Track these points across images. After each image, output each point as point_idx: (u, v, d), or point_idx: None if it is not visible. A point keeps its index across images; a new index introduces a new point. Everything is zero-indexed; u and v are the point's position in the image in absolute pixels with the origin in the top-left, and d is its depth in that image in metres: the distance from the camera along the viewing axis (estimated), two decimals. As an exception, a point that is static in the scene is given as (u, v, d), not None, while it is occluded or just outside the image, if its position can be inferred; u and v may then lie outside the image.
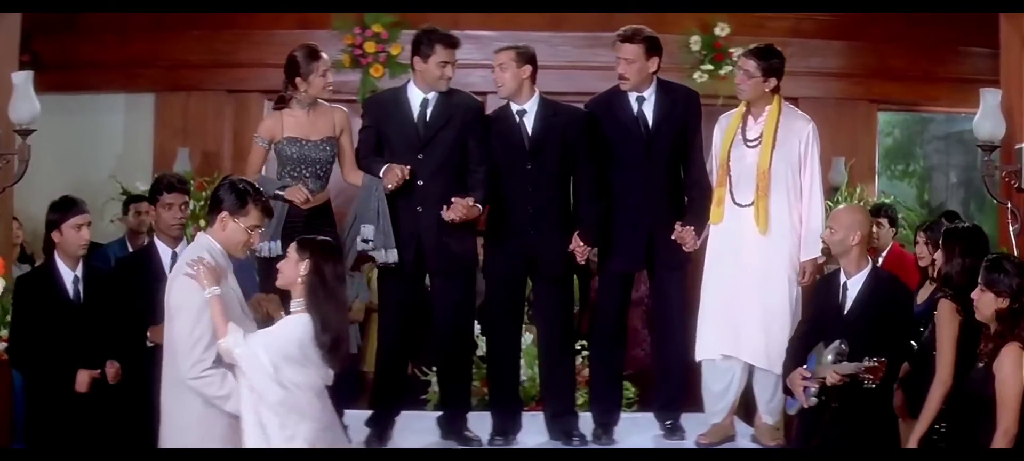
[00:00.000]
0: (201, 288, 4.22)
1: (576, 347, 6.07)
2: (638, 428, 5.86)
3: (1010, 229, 6.26)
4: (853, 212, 5.43)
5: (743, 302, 5.47)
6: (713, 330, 5.54)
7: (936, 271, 5.21)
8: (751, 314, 5.46)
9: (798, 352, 5.12)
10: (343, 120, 5.56)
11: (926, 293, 5.53)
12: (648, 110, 5.60)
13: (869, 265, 5.21)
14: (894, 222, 7.44)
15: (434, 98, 5.51)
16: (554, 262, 5.59)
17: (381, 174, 5.41)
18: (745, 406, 5.86)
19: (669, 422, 5.70)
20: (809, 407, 5.00)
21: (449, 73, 5.48)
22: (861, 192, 8.27)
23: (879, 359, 4.75)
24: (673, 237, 5.51)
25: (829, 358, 4.88)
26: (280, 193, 5.33)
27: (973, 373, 4.60)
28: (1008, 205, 6.24)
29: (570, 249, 5.53)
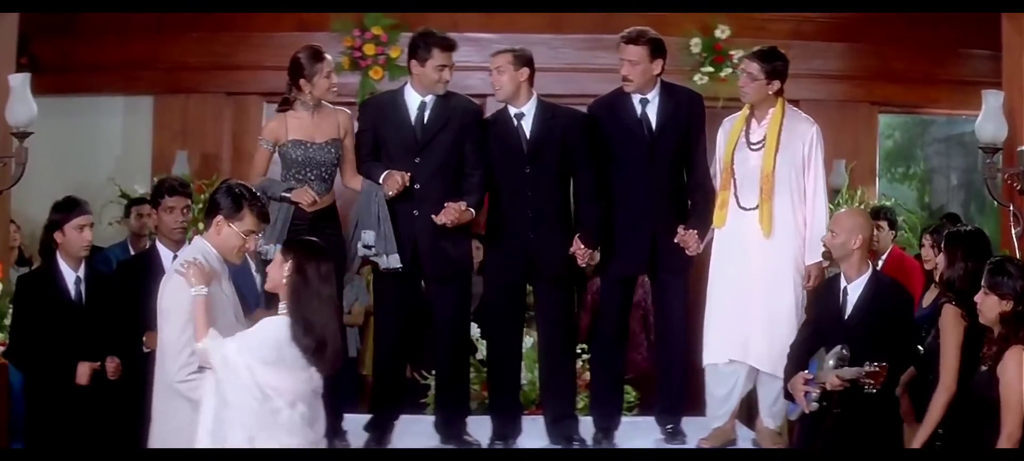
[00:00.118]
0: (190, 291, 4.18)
1: (576, 350, 6.04)
2: (639, 432, 5.83)
3: (1012, 231, 6.24)
4: (854, 215, 5.42)
5: (749, 306, 5.45)
6: (720, 335, 5.51)
7: (938, 275, 5.18)
8: (757, 318, 5.43)
9: (799, 357, 5.10)
10: (347, 122, 5.53)
11: (931, 297, 5.50)
12: (652, 112, 5.57)
13: (870, 269, 5.19)
14: (894, 225, 7.40)
15: (432, 101, 5.49)
16: (554, 265, 5.56)
17: (381, 180, 5.38)
18: (747, 410, 5.84)
19: (670, 426, 5.68)
20: (810, 412, 4.98)
21: (446, 76, 5.45)
22: (862, 195, 8.24)
23: (880, 364, 4.73)
24: (676, 240, 5.48)
25: (830, 363, 4.85)
26: (286, 195, 5.31)
27: (977, 377, 4.59)
28: (1011, 207, 6.23)
29: (571, 252, 5.50)
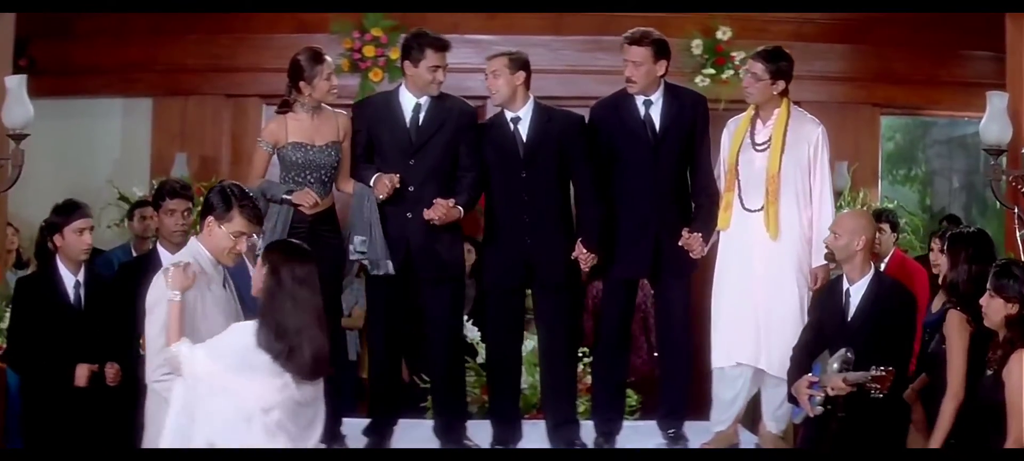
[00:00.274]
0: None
1: (578, 355, 6.00)
2: (640, 436, 5.79)
3: (1016, 234, 6.20)
4: (857, 217, 5.38)
5: (755, 309, 5.41)
6: (728, 338, 5.47)
7: (941, 278, 5.13)
8: (763, 321, 5.40)
9: (802, 360, 5.06)
10: (347, 125, 5.49)
11: (940, 302, 5.43)
12: (655, 114, 5.53)
13: (872, 271, 5.15)
14: (896, 227, 7.34)
15: (427, 103, 5.44)
16: (554, 270, 5.51)
17: (371, 184, 5.34)
18: (750, 414, 5.80)
19: (672, 431, 5.63)
20: (814, 416, 4.94)
21: (440, 77, 5.40)
22: (864, 197, 8.22)
23: (887, 368, 4.69)
24: (680, 243, 5.44)
25: (835, 366, 4.81)
26: (287, 197, 5.28)
27: (983, 381, 4.55)
28: (1015, 210, 6.18)
29: (574, 257, 5.45)
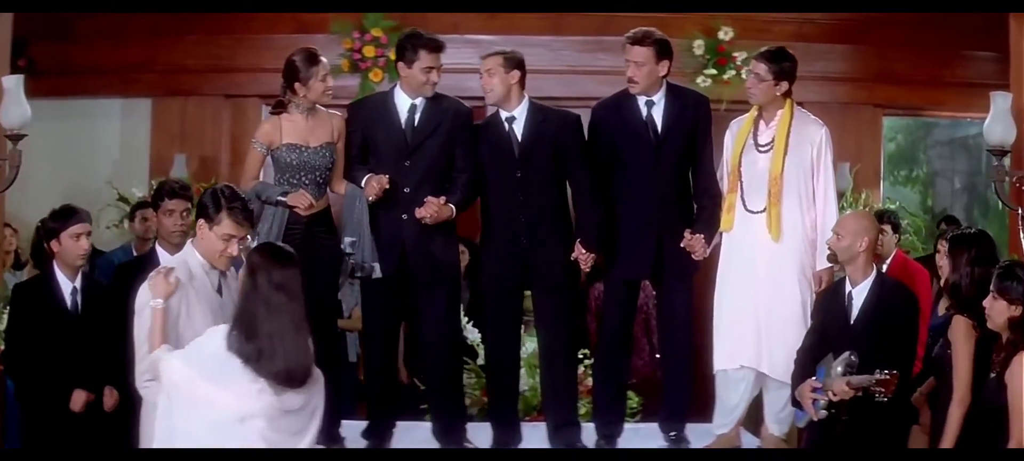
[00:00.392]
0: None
1: (578, 357, 5.97)
2: (642, 439, 5.76)
3: (1021, 235, 6.16)
4: (860, 218, 5.34)
5: (757, 312, 5.39)
6: (730, 340, 5.44)
7: (943, 280, 5.08)
8: (765, 324, 5.37)
9: (806, 363, 5.03)
10: (341, 126, 5.47)
11: (945, 305, 5.39)
12: (657, 115, 5.49)
13: (875, 273, 5.12)
14: (897, 228, 7.30)
15: (422, 104, 5.41)
16: (552, 271, 5.47)
17: (362, 185, 5.32)
18: (753, 417, 5.76)
19: (674, 434, 5.61)
20: (818, 420, 4.91)
21: (434, 78, 5.37)
22: (866, 198, 8.20)
23: (891, 372, 4.65)
24: (682, 245, 5.40)
25: (838, 370, 4.78)
26: (282, 199, 5.24)
27: (987, 384, 4.52)
28: (1019, 211, 6.15)
29: (573, 257, 5.42)
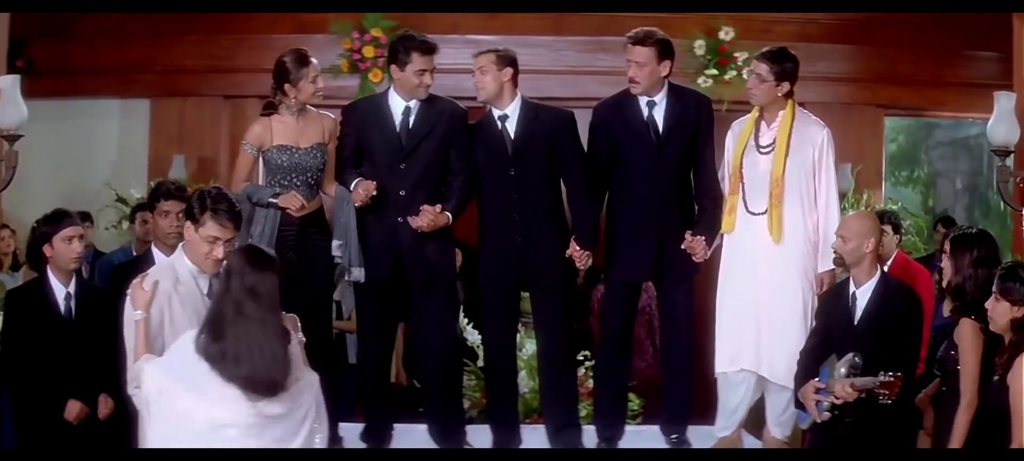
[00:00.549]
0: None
1: (578, 358, 5.93)
2: (643, 441, 5.70)
3: (1024, 236, 6.16)
4: (864, 219, 5.30)
5: (759, 314, 5.35)
6: (731, 343, 5.41)
7: (946, 282, 5.02)
8: (767, 327, 5.34)
9: (809, 365, 5.00)
10: (333, 126, 5.43)
11: (949, 306, 5.34)
12: (659, 115, 5.45)
13: (879, 273, 5.09)
14: (898, 229, 7.27)
15: (416, 106, 5.37)
16: (548, 270, 5.43)
17: (350, 189, 5.29)
18: (754, 419, 5.73)
19: (675, 436, 5.57)
20: (821, 422, 4.88)
21: (427, 80, 5.32)
22: (868, 198, 8.16)
23: (895, 373, 4.62)
24: (683, 246, 5.36)
25: (842, 371, 4.74)
26: (273, 201, 5.21)
27: (990, 386, 4.48)
28: (1023, 212, 6.14)
29: (567, 255, 5.38)
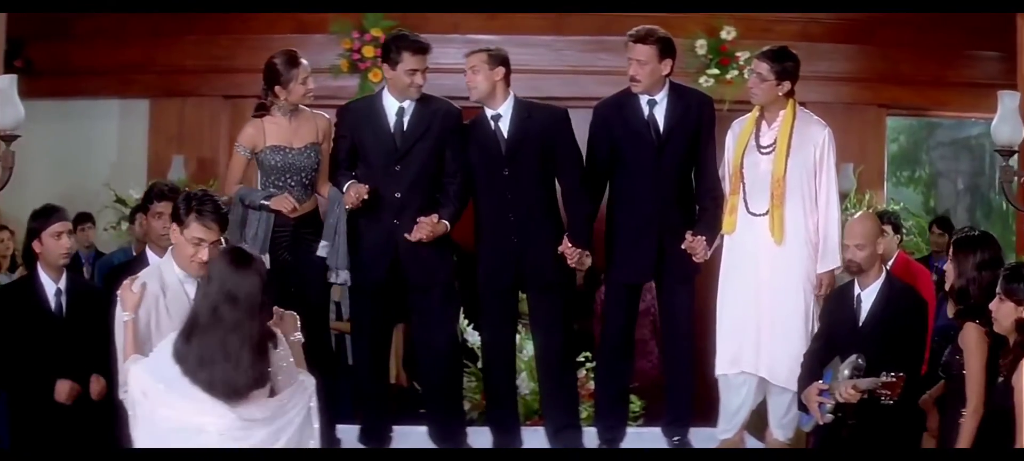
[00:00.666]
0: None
1: (579, 359, 5.88)
2: (645, 444, 5.65)
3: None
4: (869, 221, 5.24)
5: (759, 316, 5.31)
6: (731, 345, 5.37)
7: (948, 285, 4.97)
8: (767, 328, 5.30)
9: (813, 367, 4.96)
10: (327, 126, 5.39)
11: (953, 308, 5.30)
12: (659, 114, 5.40)
13: (883, 275, 5.06)
14: (898, 229, 7.23)
15: (410, 107, 5.32)
16: (544, 270, 5.38)
17: (343, 190, 5.26)
18: (756, 422, 5.69)
19: (677, 438, 5.53)
20: (825, 424, 4.84)
21: (419, 80, 5.27)
22: (870, 199, 8.13)
23: (897, 374, 4.58)
24: (683, 247, 5.32)
25: (845, 373, 4.71)
26: (265, 203, 5.17)
27: (994, 388, 4.44)
28: (1028, 212, 6.11)
29: (560, 252, 5.33)
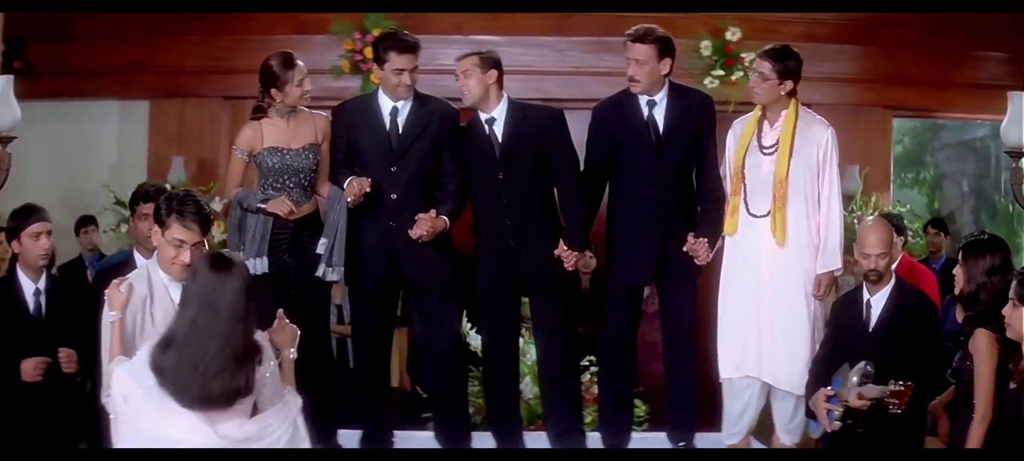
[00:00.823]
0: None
1: (583, 363, 5.83)
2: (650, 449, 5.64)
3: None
4: (884, 227, 5.16)
5: (762, 320, 5.25)
6: (733, 349, 5.31)
7: (958, 290, 4.90)
8: (769, 332, 5.24)
9: (821, 373, 4.91)
10: (325, 126, 5.34)
11: (962, 313, 5.23)
12: (659, 115, 5.34)
13: (893, 279, 4.99)
14: (901, 231, 7.16)
15: (405, 107, 5.28)
16: (543, 274, 5.33)
17: (344, 187, 5.21)
18: (763, 427, 5.63)
19: (683, 444, 5.47)
20: (833, 431, 4.78)
21: (407, 80, 5.22)
22: (876, 201, 8.07)
23: (905, 383, 4.52)
24: (685, 249, 5.26)
25: (854, 380, 4.65)
26: (262, 206, 5.12)
27: (1006, 394, 4.38)
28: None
29: (556, 255, 5.27)
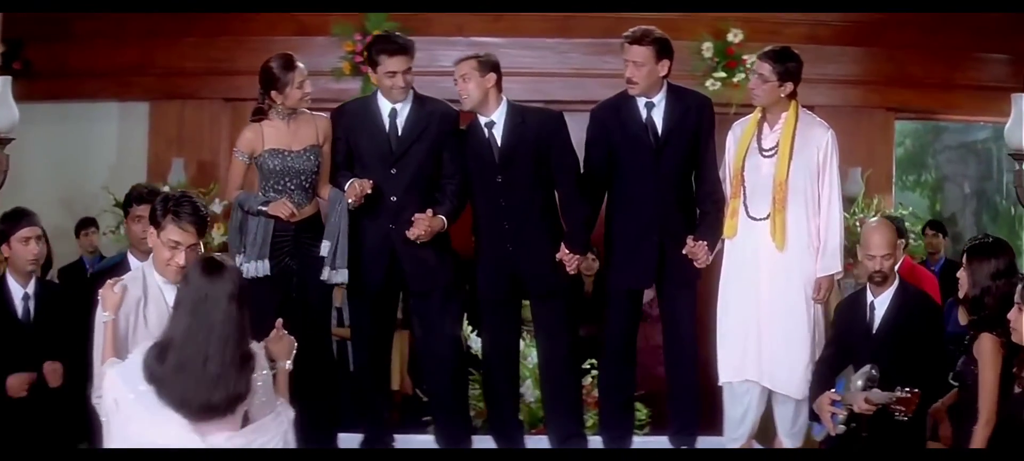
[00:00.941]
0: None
1: (584, 367, 5.80)
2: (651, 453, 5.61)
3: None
4: (889, 229, 5.14)
5: (762, 323, 5.23)
6: (733, 352, 5.29)
7: (962, 293, 4.87)
8: (770, 336, 5.21)
9: (825, 375, 4.89)
10: (327, 128, 5.32)
11: (965, 317, 5.19)
12: (658, 117, 5.32)
13: (897, 281, 4.97)
14: (902, 233, 7.14)
15: (404, 108, 5.26)
16: (543, 277, 5.32)
17: (345, 189, 5.19)
18: (766, 431, 5.61)
19: (685, 448, 5.44)
20: (837, 435, 4.75)
21: (400, 83, 5.21)
22: (878, 203, 8.03)
23: (912, 390, 4.49)
24: (684, 252, 5.23)
25: (859, 383, 4.63)
26: (263, 209, 5.10)
27: (1011, 399, 4.35)
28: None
29: (558, 258, 5.24)
